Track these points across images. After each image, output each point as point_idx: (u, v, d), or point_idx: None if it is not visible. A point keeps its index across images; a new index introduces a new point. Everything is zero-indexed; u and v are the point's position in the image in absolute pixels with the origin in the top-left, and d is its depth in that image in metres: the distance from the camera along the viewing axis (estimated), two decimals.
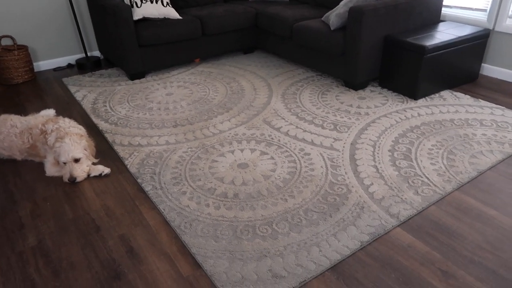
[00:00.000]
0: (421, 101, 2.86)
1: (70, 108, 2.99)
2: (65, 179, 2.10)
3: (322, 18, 3.26)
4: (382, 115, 2.69)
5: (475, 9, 3.26)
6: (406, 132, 2.47)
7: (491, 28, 3.14)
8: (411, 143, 2.34)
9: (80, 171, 2.11)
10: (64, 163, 2.10)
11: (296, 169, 2.14)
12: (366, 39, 2.86)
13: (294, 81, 3.30)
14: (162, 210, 1.87)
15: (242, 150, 2.34)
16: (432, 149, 2.28)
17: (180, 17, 3.45)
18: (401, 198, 1.89)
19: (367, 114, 2.71)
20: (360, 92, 3.06)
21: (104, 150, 2.42)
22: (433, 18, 3.25)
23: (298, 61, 3.50)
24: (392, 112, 2.72)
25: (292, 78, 3.37)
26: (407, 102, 2.85)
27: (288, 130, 2.54)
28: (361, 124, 2.58)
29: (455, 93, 2.97)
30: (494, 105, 2.76)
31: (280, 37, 3.60)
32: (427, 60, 2.75)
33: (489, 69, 3.26)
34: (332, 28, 3.00)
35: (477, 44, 3.00)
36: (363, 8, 2.75)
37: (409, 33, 2.95)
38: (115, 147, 2.42)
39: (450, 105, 2.79)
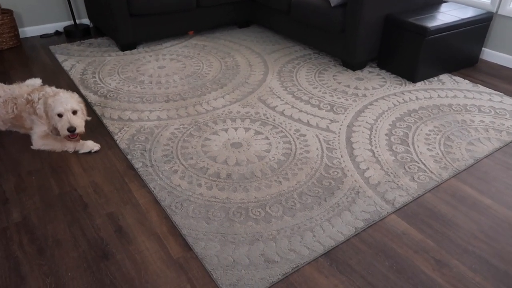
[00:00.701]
0: (419, 84, 2.80)
1: (57, 78, 2.87)
2: (64, 130, 1.98)
3: None
4: (380, 97, 2.63)
5: None
6: (404, 116, 2.42)
7: (494, 11, 3.06)
8: (409, 128, 2.29)
9: (80, 123, 2.02)
10: (60, 116, 1.99)
11: (291, 150, 2.09)
12: (367, 18, 2.77)
13: (291, 59, 3.21)
14: (152, 189, 1.81)
15: (236, 129, 2.27)
16: (430, 134, 2.24)
17: None
18: (397, 184, 1.86)
19: (364, 95, 2.65)
20: (358, 72, 2.99)
21: (93, 124, 2.33)
22: None
23: (295, 37, 3.39)
24: (390, 95, 2.66)
25: (289, 55, 3.28)
26: (405, 85, 2.79)
27: (284, 110, 2.47)
28: (358, 106, 2.53)
29: (454, 77, 2.92)
30: (493, 91, 2.71)
31: (278, 12, 3.48)
32: (428, 42, 2.67)
33: (490, 54, 3.20)
34: (332, 5, 2.89)
35: (479, 28, 2.93)
36: None
37: (410, 13, 2.86)
38: (105, 121, 2.33)
39: (449, 89, 2.74)
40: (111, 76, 2.87)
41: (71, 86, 2.75)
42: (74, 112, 2.03)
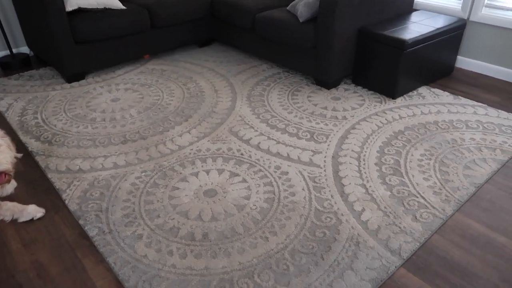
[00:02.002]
0: (400, 101, 2.62)
1: None
2: None
3: (288, 8, 2.91)
4: (361, 118, 2.41)
5: None
6: (391, 139, 2.21)
7: (465, 17, 2.94)
8: (398, 153, 2.08)
9: (3, 158, 1.62)
10: None
11: (275, 194, 1.82)
12: (340, 32, 2.56)
13: (259, 79, 2.94)
14: (113, 265, 1.47)
15: (207, 172, 1.97)
16: (422, 159, 2.03)
17: (124, 7, 2.95)
18: (399, 227, 1.62)
19: (344, 118, 2.42)
20: (333, 91, 2.77)
21: (35, 179, 1.95)
22: (407, 7, 3.00)
23: (262, 55, 3.14)
24: (372, 115, 2.45)
25: (256, 75, 3.01)
26: (385, 102, 2.60)
27: (259, 142, 2.20)
28: (340, 131, 2.29)
29: (433, 89, 2.76)
30: (475, 103, 2.57)
31: (241, 29, 3.21)
32: (406, 56, 2.49)
33: (464, 62, 3.09)
34: (301, 20, 2.66)
35: (453, 36, 2.79)
36: None
37: (384, 25, 2.68)
38: (49, 175, 1.96)
39: (431, 104, 2.57)
40: (57, 115, 2.49)
41: (8, 131, 2.34)
42: None
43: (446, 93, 2.70)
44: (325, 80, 2.75)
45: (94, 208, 1.74)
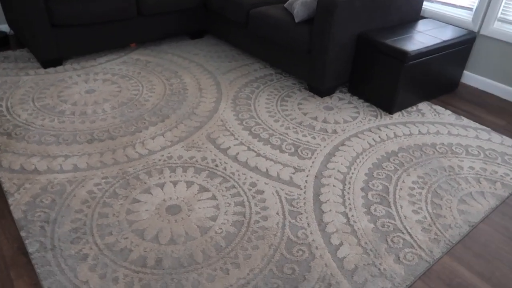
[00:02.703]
0: (397, 116, 2.41)
1: None
2: None
3: (285, 5, 2.69)
4: (352, 134, 2.21)
5: (460, 6, 2.83)
6: (382, 160, 2.01)
7: (476, 30, 2.72)
8: (388, 179, 1.89)
9: None
10: None
11: (245, 217, 1.63)
12: (337, 37, 2.34)
13: (249, 80, 2.74)
14: None
15: (175, 184, 1.78)
16: (414, 188, 1.84)
17: None
18: (379, 269, 1.44)
19: (335, 132, 2.22)
20: (327, 99, 2.56)
21: None
22: (413, 14, 2.78)
23: (255, 53, 2.92)
24: (365, 131, 2.25)
25: (247, 75, 2.81)
26: (381, 117, 2.39)
27: (238, 153, 2.00)
28: (327, 146, 2.09)
29: (434, 106, 2.55)
30: (479, 125, 2.37)
31: (234, 23, 2.99)
32: (408, 69, 2.28)
33: (470, 77, 2.87)
34: (296, 20, 2.44)
35: (461, 50, 2.58)
36: None
37: (386, 32, 2.46)
38: (0, 174, 1.77)
39: (430, 123, 2.36)
40: (23, 104, 2.29)
41: None
42: None
43: (448, 111, 2.50)
44: (319, 88, 2.54)
45: (41, 218, 1.55)
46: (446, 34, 2.52)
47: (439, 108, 2.53)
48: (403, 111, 2.48)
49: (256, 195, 1.74)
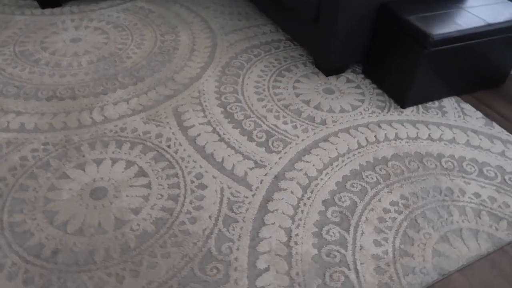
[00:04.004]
0: (409, 112, 1.99)
1: None
2: None
3: None
4: (344, 128, 1.86)
5: None
6: (365, 167, 1.67)
7: None
8: (363, 193, 1.56)
9: None
10: None
11: (171, 215, 1.43)
12: (351, 5, 1.91)
13: (251, 45, 2.40)
14: None
15: (114, 162, 1.60)
16: (389, 210, 1.50)
17: None
18: None
19: (323, 122, 1.88)
20: (332, 80, 2.18)
21: None
22: None
23: (268, 13, 2.55)
24: (360, 126, 1.88)
25: (251, 39, 2.47)
26: (388, 110, 1.99)
27: (199, 135, 1.76)
28: (306, 140, 1.78)
29: (463, 104, 2.07)
30: (511, 137, 1.88)
31: None
32: (431, 55, 1.83)
33: None
34: None
35: None
36: None
37: (417, 6, 1.97)
38: None
39: (448, 126, 1.92)
40: (3, 48, 2.20)
41: None
42: None
43: (479, 113, 2.01)
44: (323, 65, 2.16)
45: None
46: (499, 15, 1.97)
47: (468, 107, 2.05)
48: (419, 106, 2.04)
49: (196, 190, 1.52)
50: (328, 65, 2.14)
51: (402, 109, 2.01)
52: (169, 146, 1.69)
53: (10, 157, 1.59)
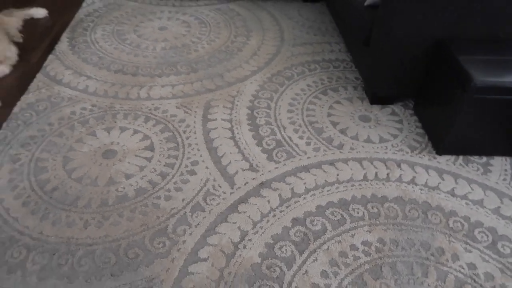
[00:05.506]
0: (443, 159, 1.79)
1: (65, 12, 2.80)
2: None
3: None
4: (359, 157, 1.78)
5: None
6: (357, 200, 1.58)
7: None
8: (339, 223, 1.49)
9: None
10: None
11: (153, 188, 1.59)
12: (402, 33, 1.82)
13: (312, 59, 2.42)
14: None
15: (135, 132, 1.85)
16: (357, 249, 1.41)
17: None
18: None
19: (340, 146, 1.83)
20: (375, 108, 2.08)
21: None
22: None
23: (342, 32, 2.54)
24: (377, 159, 1.77)
25: (316, 54, 2.48)
26: (419, 152, 1.82)
27: (215, 128, 1.90)
28: (312, 159, 1.76)
29: None
30: None
31: None
32: (474, 102, 1.63)
33: None
34: (365, 3, 1.99)
35: None
36: None
37: (482, 47, 1.76)
38: (38, 74, 2.17)
39: (482, 185, 1.67)
40: (107, 25, 2.66)
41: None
42: None
43: None
44: (368, 90, 2.07)
45: (23, 119, 1.88)
46: None
47: None
48: (460, 157, 1.82)
49: (184, 174, 1.66)
50: (372, 91, 2.05)
51: (436, 155, 1.82)
52: (184, 132, 1.87)
53: (64, 109, 1.96)
